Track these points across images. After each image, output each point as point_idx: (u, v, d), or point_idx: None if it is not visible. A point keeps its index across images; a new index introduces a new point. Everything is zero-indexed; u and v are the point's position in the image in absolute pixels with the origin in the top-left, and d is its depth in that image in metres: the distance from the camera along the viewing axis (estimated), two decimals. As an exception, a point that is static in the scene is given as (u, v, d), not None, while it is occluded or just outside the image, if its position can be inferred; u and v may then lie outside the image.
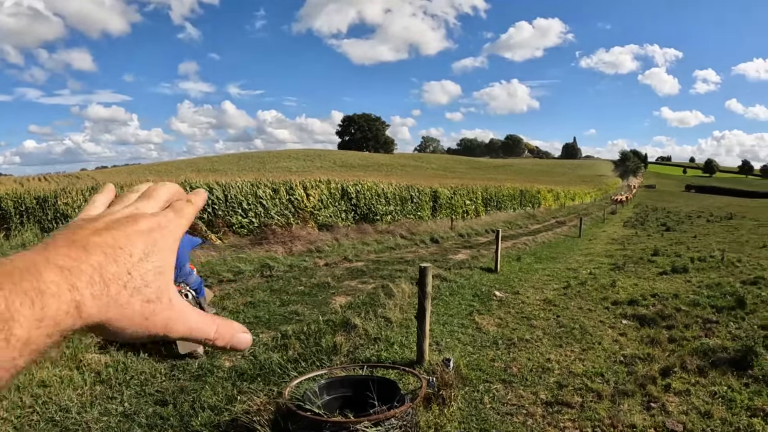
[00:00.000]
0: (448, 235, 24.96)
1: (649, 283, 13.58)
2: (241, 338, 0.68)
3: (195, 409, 5.96)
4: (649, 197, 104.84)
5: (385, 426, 4.92)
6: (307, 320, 9.44)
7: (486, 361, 7.67)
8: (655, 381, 6.88)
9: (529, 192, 49.84)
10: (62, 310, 0.50)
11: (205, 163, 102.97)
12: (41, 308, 0.48)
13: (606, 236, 29.32)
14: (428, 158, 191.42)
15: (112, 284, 0.54)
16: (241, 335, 0.68)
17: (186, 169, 69.51)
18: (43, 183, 31.34)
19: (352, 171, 78.37)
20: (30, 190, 21.04)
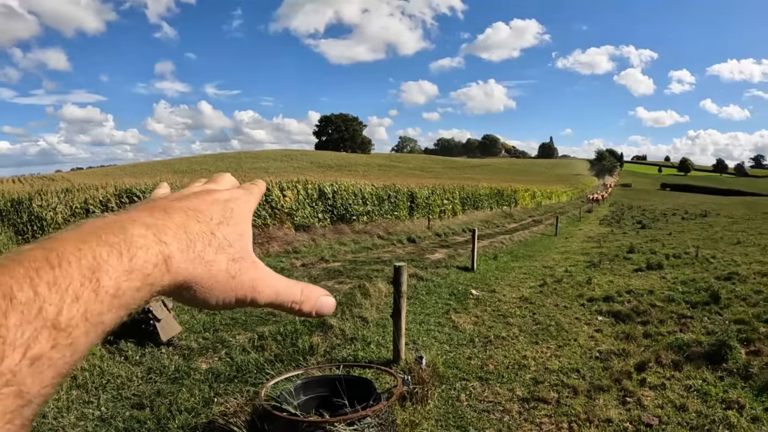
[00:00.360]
0: (425, 235, 24.97)
1: (625, 280, 13.69)
2: (325, 302, 0.67)
3: (172, 412, 5.93)
4: (625, 196, 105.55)
5: (361, 425, 4.91)
6: (284, 321, 9.38)
7: (463, 359, 7.71)
8: (630, 376, 6.94)
9: (506, 191, 50.01)
10: (151, 262, 0.49)
11: (182, 164, 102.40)
12: (129, 259, 0.47)
13: (582, 234, 29.48)
14: (405, 158, 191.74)
15: (197, 241, 0.55)
16: (325, 298, 0.67)
17: (163, 170, 69.26)
18: (17, 185, 31.04)
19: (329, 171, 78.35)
20: (4, 192, 20.82)
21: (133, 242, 0.48)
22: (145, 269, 0.48)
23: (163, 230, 0.52)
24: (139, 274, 0.47)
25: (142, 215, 0.53)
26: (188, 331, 8.97)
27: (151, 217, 0.53)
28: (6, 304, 0.40)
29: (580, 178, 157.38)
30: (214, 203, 0.60)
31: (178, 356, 7.78)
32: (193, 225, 0.55)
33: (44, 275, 0.42)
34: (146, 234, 0.50)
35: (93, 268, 0.44)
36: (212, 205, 0.60)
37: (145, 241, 0.49)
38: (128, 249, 0.47)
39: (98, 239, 0.46)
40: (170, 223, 0.53)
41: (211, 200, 0.61)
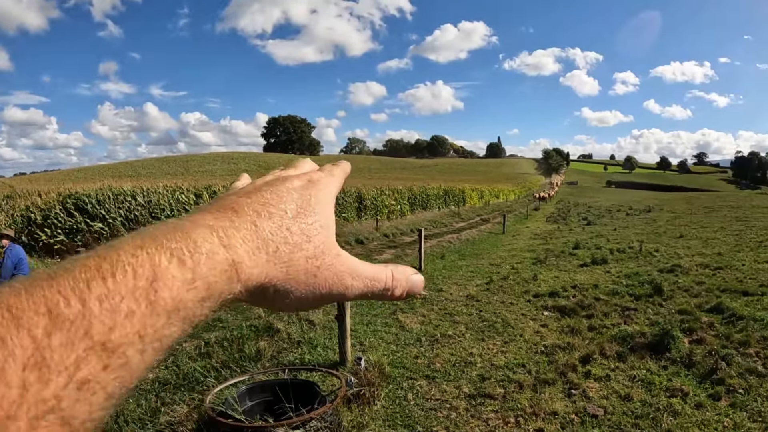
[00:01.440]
0: (373, 236, 24.95)
1: (570, 275, 13.91)
2: (416, 280, 0.63)
3: (119, 424, 5.81)
4: (572, 193, 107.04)
5: (306, 428, 4.88)
6: (231, 326, 9.30)
7: (410, 359, 7.73)
8: (575, 369, 7.04)
9: (454, 191, 50.36)
10: (217, 270, 0.44)
11: (126, 168, 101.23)
12: (192, 268, 0.42)
13: (529, 232, 29.75)
14: (354, 159, 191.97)
15: (270, 241, 0.49)
16: (414, 277, 0.63)
17: (108, 175, 68.16)
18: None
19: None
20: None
21: (196, 247, 0.43)
22: (211, 277, 0.43)
23: (231, 232, 0.47)
24: (203, 283, 0.42)
25: (206, 217, 0.48)
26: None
27: (217, 218, 0.48)
28: (50, 322, 0.35)
29: (527, 177, 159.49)
30: (289, 192, 0.54)
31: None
32: (265, 223, 0.50)
33: (95, 288, 0.37)
34: (211, 238, 0.45)
35: (150, 278, 0.40)
36: (287, 195, 0.54)
37: (210, 245, 0.44)
38: (191, 255, 0.42)
39: (157, 244, 0.42)
40: (239, 223, 0.48)
41: (286, 190, 0.55)
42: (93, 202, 17.33)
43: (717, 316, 9.27)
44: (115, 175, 71.65)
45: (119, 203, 18.02)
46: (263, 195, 0.52)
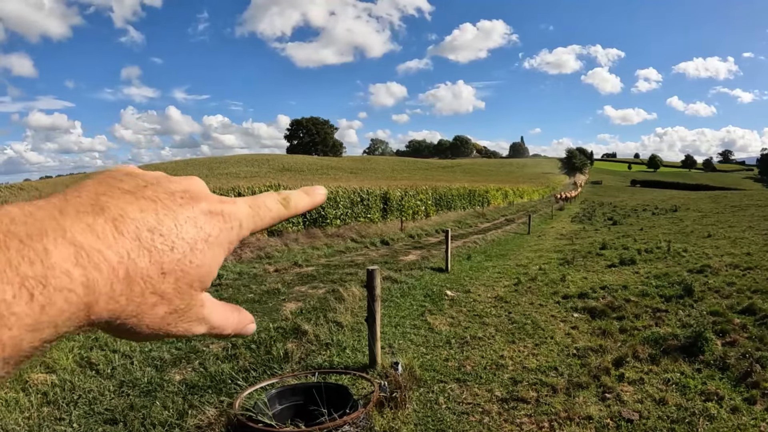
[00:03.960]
0: (398, 237, 24.94)
1: (599, 276, 13.77)
2: (250, 329, 0.59)
3: (146, 427, 5.81)
4: (596, 193, 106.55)
5: (338, 433, 4.83)
6: (258, 328, 9.24)
7: (440, 361, 7.65)
8: (608, 372, 6.93)
9: (478, 191, 50.11)
10: (66, 313, 0.37)
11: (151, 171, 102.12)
12: (41, 307, 0.35)
13: (554, 232, 29.60)
14: (377, 160, 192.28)
15: (136, 285, 0.42)
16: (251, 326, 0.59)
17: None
18: (-18, 197, 30.63)
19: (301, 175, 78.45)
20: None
21: (52, 281, 0.35)
22: (59, 320, 0.36)
23: (97, 263, 0.38)
24: (49, 327, 0.36)
25: (80, 224, 0.39)
26: (160, 342, 8.82)
27: (91, 231, 0.39)
28: None
29: (550, 176, 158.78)
30: (188, 222, 0.46)
31: (150, 368, 7.63)
32: (142, 260, 0.42)
33: None
34: (72, 270, 0.37)
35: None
36: (184, 224, 0.46)
37: (68, 281, 0.36)
38: (43, 291, 0.35)
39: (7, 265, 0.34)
40: (111, 254, 0.40)
41: (186, 217, 0.46)
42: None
43: (749, 318, 9.11)
44: (140, 177, 71.98)
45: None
46: (157, 214, 0.44)
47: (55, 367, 7.50)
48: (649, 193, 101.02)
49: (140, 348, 8.48)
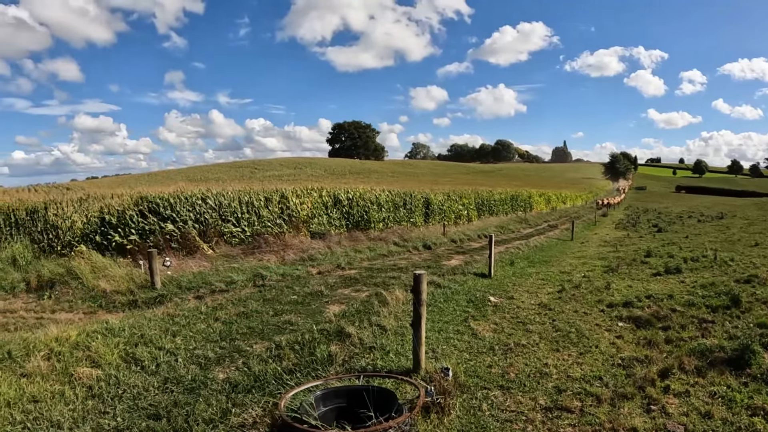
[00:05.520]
0: (440, 241, 24.88)
1: (644, 285, 13.55)
2: None
3: (189, 423, 5.87)
4: (639, 199, 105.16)
5: (383, 437, 4.86)
6: (301, 330, 9.35)
7: (483, 368, 7.61)
8: (654, 383, 6.83)
9: (521, 196, 49.87)
10: None
11: (196, 173, 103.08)
12: None
13: (598, 239, 29.30)
14: (418, 164, 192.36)
15: None
16: None
17: (177, 178, 69.50)
18: (32, 194, 31.24)
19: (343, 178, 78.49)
20: (20, 201, 20.97)
21: None
22: None
23: None
24: None
25: None
26: (204, 341, 8.95)
27: None
28: None
29: (593, 181, 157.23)
30: None
31: (194, 365, 7.76)
32: None
33: None
34: None
35: None
36: None
37: None
38: None
39: None
40: None
41: None
42: (165, 205, 17.71)
43: (798, 331, 8.96)
44: (184, 178, 73.12)
45: (190, 206, 18.36)
46: None
47: (101, 361, 7.65)
48: (694, 200, 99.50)
49: (185, 346, 8.61)
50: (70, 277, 14.31)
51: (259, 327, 9.80)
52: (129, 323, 9.71)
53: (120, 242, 16.53)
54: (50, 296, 13.13)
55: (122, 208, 17.25)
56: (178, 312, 10.84)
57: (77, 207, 18.46)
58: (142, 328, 9.46)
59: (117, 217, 16.94)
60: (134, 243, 16.63)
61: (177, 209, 17.91)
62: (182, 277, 14.22)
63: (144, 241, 16.81)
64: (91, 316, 11.24)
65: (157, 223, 17.27)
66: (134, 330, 9.28)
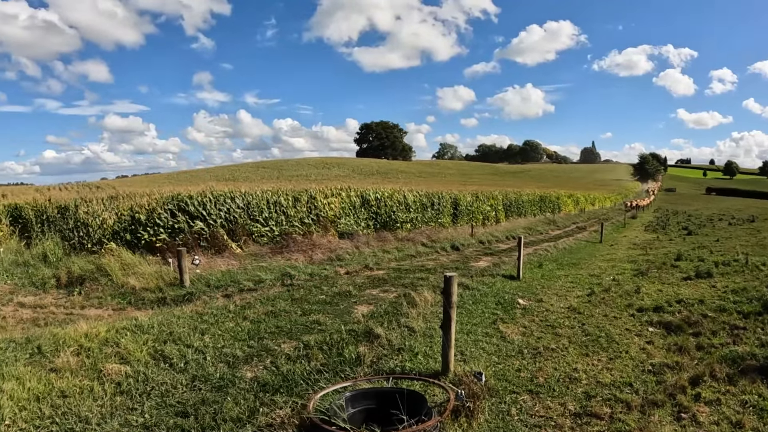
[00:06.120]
0: (468, 242, 24.84)
1: (674, 289, 13.38)
2: None
3: (217, 422, 5.89)
4: (669, 201, 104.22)
5: (413, 440, 4.85)
6: (330, 330, 9.37)
7: (512, 371, 7.55)
8: (684, 390, 6.74)
9: (549, 198, 49.61)
10: None
11: (224, 172, 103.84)
12: None
13: (627, 241, 29.08)
14: (446, 165, 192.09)
15: None
16: None
17: (206, 177, 69.98)
18: (63, 192, 31.59)
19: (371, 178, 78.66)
20: (51, 199, 21.26)
21: None
22: None
23: None
24: None
25: None
26: (233, 339, 8.99)
27: None
28: None
29: (622, 183, 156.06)
30: None
31: (223, 364, 7.80)
32: None
33: None
34: None
35: None
36: None
37: None
38: None
39: None
40: None
41: None
42: (195, 204, 17.84)
43: (833, 338, 8.82)
44: (212, 178, 73.62)
45: (219, 205, 18.48)
46: None
47: (130, 358, 7.71)
48: (724, 202, 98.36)
49: (213, 344, 8.66)
50: (100, 273, 14.47)
51: (287, 326, 9.82)
52: (158, 320, 9.80)
53: (149, 240, 16.68)
54: (80, 292, 13.30)
55: (152, 207, 17.40)
56: (206, 310, 10.91)
57: (107, 205, 18.68)
58: (170, 325, 9.54)
59: (147, 216, 17.09)
60: (163, 241, 16.77)
61: (206, 208, 18.03)
62: (211, 276, 14.33)
63: (173, 240, 16.95)
64: (120, 313, 11.36)
65: (186, 221, 17.40)
66: (163, 327, 9.37)
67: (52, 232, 18.91)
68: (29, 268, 15.89)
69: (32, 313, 11.65)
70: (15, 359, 7.54)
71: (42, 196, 24.48)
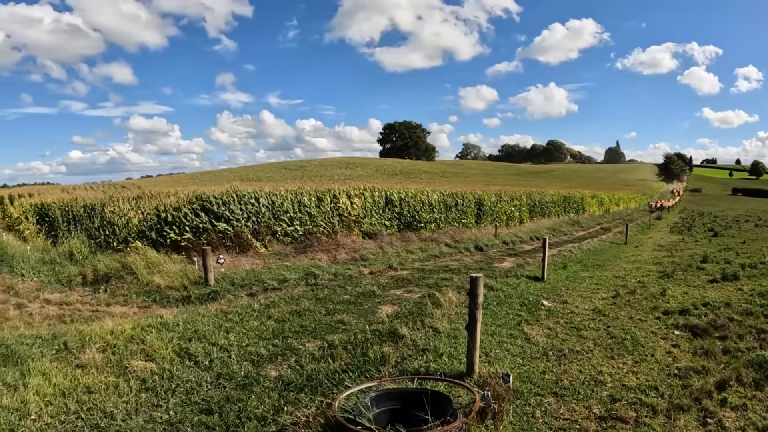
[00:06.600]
0: (492, 243, 24.76)
1: (700, 292, 13.23)
2: None
3: (241, 419, 5.94)
4: (694, 201, 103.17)
5: (438, 441, 4.85)
6: (354, 330, 9.37)
7: (536, 373, 7.50)
8: (710, 395, 6.67)
9: (573, 198, 49.29)
10: None
11: (248, 172, 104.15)
12: None
13: (652, 243, 28.81)
14: (469, 165, 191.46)
15: None
16: None
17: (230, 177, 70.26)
18: (89, 192, 31.93)
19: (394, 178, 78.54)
20: (77, 198, 21.50)
21: None
22: None
23: None
24: None
25: None
26: (257, 338, 9.04)
27: None
28: None
29: (647, 183, 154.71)
30: None
31: (247, 362, 7.85)
32: None
33: None
34: None
35: None
36: None
37: None
38: None
39: None
40: None
41: None
42: (219, 203, 17.95)
43: None
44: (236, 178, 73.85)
45: (243, 205, 18.57)
46: None
47: (155, 355, 7.79)
48: (751, 203, 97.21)
49: (238, 342, 8.72)
50: (125, 271, 14.62)
51: (311, 326, 9.86)
52: (183, 318, 9.89)
53: (174, 239, 16.81)
54: (105, 290, 13.44)
55: (177, 206, 17.53)
56: (231, 309, 10.98)
57: (132, 204, 18.84)
58: (195, 323, 9.63)
59: (172, 215, 17.22)
60: (188, 240, 16.89)
61: (230, 208, 18.12)
62: (235, 275, 14.41)
63: (198, 239, 17.07)
64: (145, 311, 11.48)
65: (211, 221, 17.52)
66: (188, 325, 9.45)
67: (79, 231, 19.13)
68: (55, 266, 16.10)
69: (58, 309, 11.79)
70: (41, 355, 7.66)
71: (68, 195, 24.78)
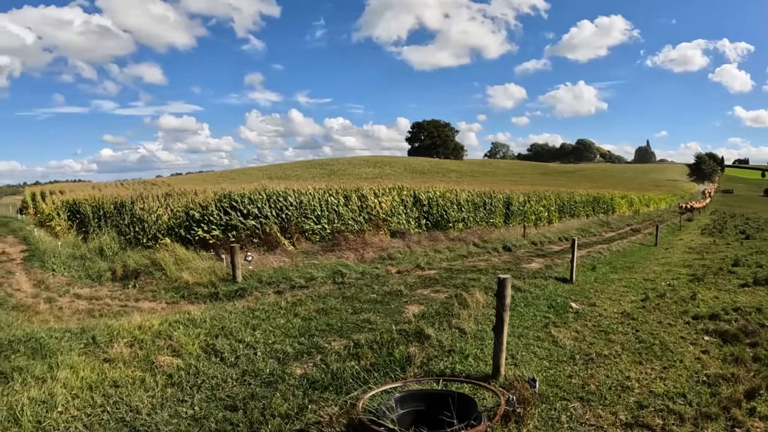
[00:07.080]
0: (520, 243, 24.59)
1: (731, 296, 13.01)
2: None
3: (265, 417, 5.97)
4: (726, 203, 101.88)
5: (462, 444, 4.82)
6: (380, 329, 9.36)
7: (563, 377, 7.41)
8: (739, 404, 6.53)
9: (603, 198, 48.89)
10: None
11: (276, 170, 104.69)
12: None
13: (683, 245, 28.47)
14: (497, 164, 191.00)
15: None
16: None
17: (259, 176, 70.74)
18: (119, 189, 32.27)
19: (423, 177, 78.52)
20: (107, 195, 21.78)
21: None
22: None
23: None
24: None
25: None
26: (283, 335, 9.08)
27: None
28: None
29: (678, 183, 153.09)
30: None
31: (273, 360, 7.88)
32: None
33: None
34: None
35: None
36: None
37: None
38: None
39: None
40: None
41: None
42: (246, 201, 18.05)
43: None
44: (265, 176, 74.24)
45: (272, 203, 18.67)
46: None
47: (181, 351, 7.87)
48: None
49: (264, 339, 8.78)
50: (154, 268, 14.79)
51: (337, 324, 9.87)
52: (210, 315, 9.96)
53: (203, 236, 16.94)
54: (134, 285, 13.61)
55: (206, 204, 17.67)
56: (258, 306, 11.05)
57: (162, 202, 19.04)
58: (222, 320, 9.70)
59: (201, 213, 17.35)
60: (216, 237, 17.03)
61: (259, 206, 18.23)
62: (263, 272, 14.49)
63: (226, 236, 17.20)
64: (173, 306, 11.59)
65: (239, 218, 17.62)
66: (215, 322, 9.52)
67: (109, 227, 19.41)
68: (86, 261, 16.33)
69: (88, 304, 11.96)
70: (70, 348, 7.74)
71: (99, 192, 25.08)
